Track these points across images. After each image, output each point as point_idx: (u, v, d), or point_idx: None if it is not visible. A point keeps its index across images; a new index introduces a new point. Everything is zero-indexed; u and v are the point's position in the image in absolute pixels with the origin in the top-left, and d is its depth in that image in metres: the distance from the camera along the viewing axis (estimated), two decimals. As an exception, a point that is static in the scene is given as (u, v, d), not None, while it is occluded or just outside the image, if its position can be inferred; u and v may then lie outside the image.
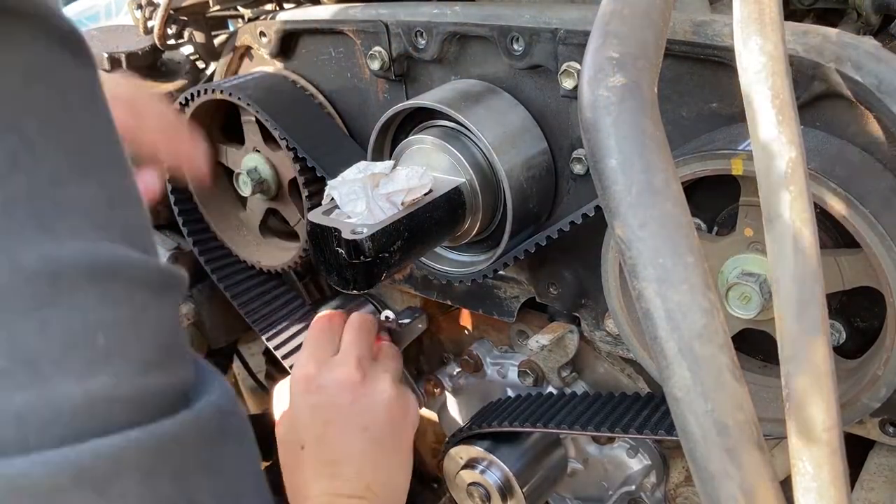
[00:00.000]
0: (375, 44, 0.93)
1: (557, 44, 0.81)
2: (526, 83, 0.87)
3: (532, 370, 1.02)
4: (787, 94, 0.51)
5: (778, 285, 0.48)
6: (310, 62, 1.03)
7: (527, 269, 0.96)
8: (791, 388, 0.46)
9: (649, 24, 0.55)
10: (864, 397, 0.69)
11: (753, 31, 0.53)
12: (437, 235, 0.86)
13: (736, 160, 0.66)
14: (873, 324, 0.76)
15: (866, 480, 0.81)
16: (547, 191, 0.89)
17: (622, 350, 0.94)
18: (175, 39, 1.10)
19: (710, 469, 0.45)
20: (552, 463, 1.04)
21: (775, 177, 0.49)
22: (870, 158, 0.68)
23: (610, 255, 0.78)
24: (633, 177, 0.48)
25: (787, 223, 0.48)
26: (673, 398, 0.46)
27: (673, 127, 0.78)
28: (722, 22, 0.73)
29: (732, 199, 0.76)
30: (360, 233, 0.76)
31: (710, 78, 0.75)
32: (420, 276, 1.05)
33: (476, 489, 1.01)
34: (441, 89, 0.90)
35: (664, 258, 0.47)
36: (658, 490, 1.02)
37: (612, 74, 0.51)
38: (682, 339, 0.46)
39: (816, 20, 0.99)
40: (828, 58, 0.67)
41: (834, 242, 0.73)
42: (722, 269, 0.75)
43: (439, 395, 1.14)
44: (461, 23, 0.87)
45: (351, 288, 0.79)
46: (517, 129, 0.86)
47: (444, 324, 1.15)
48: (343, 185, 0.81)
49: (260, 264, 1.13)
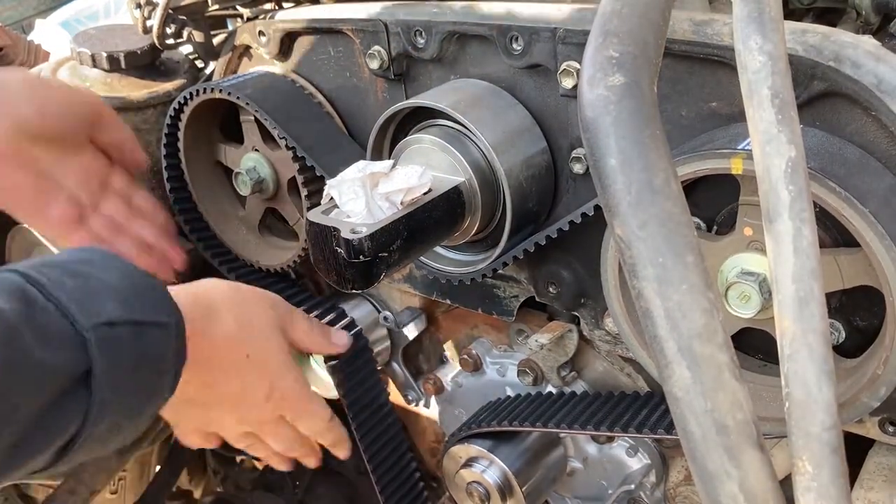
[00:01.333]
0: (374, 43, 0.93)
1: (557, 43, 0.81)
2: (525, 82, 0.87)
3: (531, 369, 1.02)
4: (786, 93, 0.51)
5: (777, 284, 0.48)
6: (309, 61, 1.03)
7: (526, 269, 0.96)
8: (791, 387, 0.46)
9: (649, 23, 0.55)
10: (864, 396, 0.69)
11: (753, 30, 0.53)
12: (436, 235, 0.86)
13: (736, 159, 0.66)
14: (873, 323, 0.76)
15: (866, 480, 0.81)
16: (546, 190, 0.89)
17: (621, 349, 0.94)
18: (174, 39, 1.10)
19: (710, 468, 0.45)
20: (551, 462, 1.04)
21: (775, 176, 0.49)
22: (869, 158, 0.68)
23: (609, 255, 0.78)
24: (632, 176, 0.48)
25: (787, 222, 0.48)
26: (673, 397, 0.46)
27: (673, 126, 0.78)
28: (722, 21, 0.73)
29: (732, 199, 0.76)
30: (360, 232, 0.76)
31: (709, 77, 0.75)
32: (419, 275, 1.05)
33: (475, 488, 1.01)
34: (440, 89, 0.90)
35: (664, 257, 0.47)
36: (657, 489, 1.03)
37: (612, 74, 0.51)
38: (682, 339, 0.46)
39: (816, 19, 0.99)
40: (827, 57, 0.67)
41: (833, 241, 0.73)
42: (721, 269, 0.75)
43: (439, 394, 1.14)
44: (460, 22, 0.87)
45: (350, 287, 0.79)
46: (516, 128, 0.86)
47: (443, 323, 1.15)
48: (342, 185, 0.81)
49: (259, 263, 1.13)
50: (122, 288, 0.68)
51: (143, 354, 0.68)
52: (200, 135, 1.11)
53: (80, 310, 0.64)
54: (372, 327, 1.15)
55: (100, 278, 0.68)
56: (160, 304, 0.71)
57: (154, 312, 0.70)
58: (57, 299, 0.64)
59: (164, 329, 0.70)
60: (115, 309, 0.66)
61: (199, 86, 1.04)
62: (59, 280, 0.65)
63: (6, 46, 1.41)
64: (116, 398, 0.65)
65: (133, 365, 0.67)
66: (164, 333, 0.70)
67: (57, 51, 1.43)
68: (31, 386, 0.60)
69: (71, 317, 0.63)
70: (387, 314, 1.14)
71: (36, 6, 3.51)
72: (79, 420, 0.64)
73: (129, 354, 0.66)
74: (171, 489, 1.57)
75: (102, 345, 0.64)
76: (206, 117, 1.09)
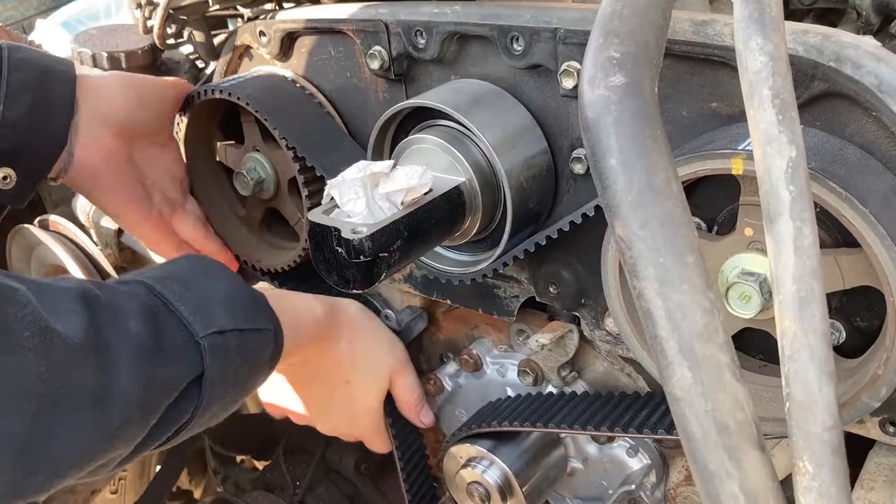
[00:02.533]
0: (375, 43, 0.93)
1: (557, 43, 0.81)
2: (526, 83, 0.87)
3: (532, 369, 1.02)
4: (787, 93, 0.51)
5: (778, 284, 0.48)
6: (309, 61, 1.03)
7: (526, 269, 0.96)
8: (791, 387, 0.46)
9: (650, 23, 0.55)
10: (864, 396, 0.69)
11: (754, 30, 0.53)
12: (436, 235, 0.86)
13: (736, 159, 0.66)
14: (873, 323, 0.76)
15: (866, 480, 0.81)
16: (547, 190, 0.89)
17: (622, 349, 0.94)
18: (175, 39, 1.10)
19: (711, 468, 0.45)
20: (552, 462, 1.04)
21: (775, 176, 0.49)
22: (870, 158, 0.68)
23: (610, 255, 0.78)
24: (633, 176, 0.48)
25: (788, 223, 0.48)
26: (673, 398, 0.46)
27: (673, 126, 0.78)
28: (722, 21, 0.73)
29: (732, 199, 0.76)
30: (360, 232, 0.76)
31: (710, 77, 0.75)
32: (420, 275, 1.05)
33: (476, 488, 1.01)
34: (441, 89, 0.90)
35: (664, 258, 0.47)
36: (658, 489, 1.02)
37: (613, 74, 0.52)
38: (683, 339, 0.46)
39: (816, 20, 0.99)
40: (828, 57, 0.67)
41: (834, 242, 0.73)
42: (722, 269, 0.75)
43: (439, 394, 1.14)
44: (461, 22, 0.87)
45: (351, 287, 0.79)
46: (517, 128, 0.86)
47: (443, 323, 1.15)
48: (343, 185, 0.81)
49: (259, 264, 1.13)
50: (228, 298, 0.79)
51: (246, 357, 0.79)
52: (201, 135, 1.11)
53: (195, 319, 0.75)
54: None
55: (211, 288, 0.80)
56: (260, 313, 0.82)
57: (255, 320, 0.81)
58: (178, 312, 0.75)
59: (264, 334, 0.82)
60: (224, 317, 0.77)
61: (199, 86, 1.04)
62: (179, 293, 0.76)
63: (7, 46, 1.41)
64: (220, 395, 0.77)
65: (237, 367, 0.78)
66: (262, 338, 0.82)
67: (58, 51, 1.43)
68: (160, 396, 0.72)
69: (189, 325, 0.75)
70: (388, 313, 1.14)
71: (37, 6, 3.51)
72: (188, 415, 0.76)
73: (235, 358, 0.78)
74: (171, 489, 1.57)
75: (213, 351, 0.75)
76: (207, 117, 1.09)
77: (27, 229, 1.23)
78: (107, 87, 0.97)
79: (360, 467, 1.44)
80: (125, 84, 1.00)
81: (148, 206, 1.02)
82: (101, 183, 0.98)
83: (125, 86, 0.99)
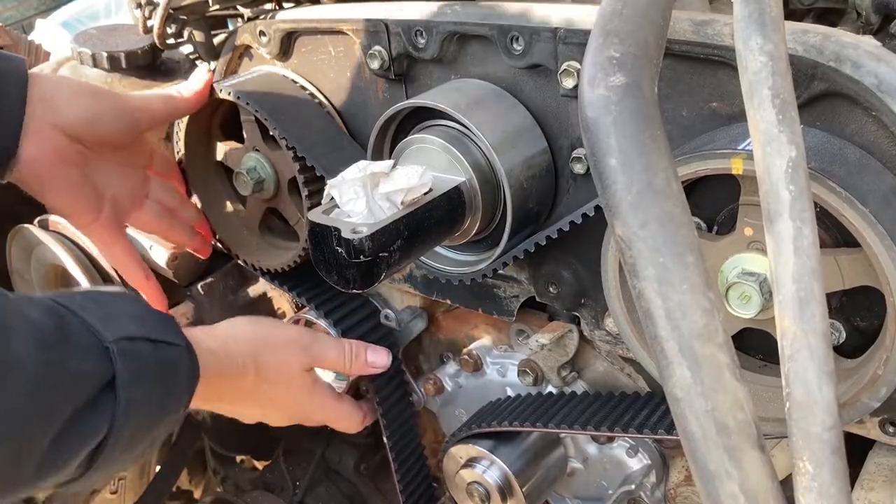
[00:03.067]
0: (375, 43, 0.93)
1: (557, 43, 0.81)
2: (526, 83, 0.87)
3: (532, 369, 1.02)
4: (787, 93, 0.51)
5: (778, 284, 0.48)
6: (309, 61, 1.03)
7: (526, 269, 0.96)
8: (791, 387, 0.46)
9: (650, 23, 0.55)
10: (864, 397, 0.69)
11: (754, 30, 0.53)
12: (436, 235, 0.86)
13: (736, 159, 0.66)
14: (873, 323, 0.76)
15: (866, 480, 0.81)
16: (547, 190, 0.89)
17: (622, 349, 0.94)
18: (174, 39, 1.10)
19: (711, 468, 0.45)
20: (552, 462, 1.04)
21: (775, 176, 0.49)
22: (870, 158, 0.68)
23: (610, 255, 0.78)
24: (633, 176, 0.48)
25: (788, 223, 0.48)
26: (673, 398, 0.46)
27: (673, 126, 0.78)
28: (722, 21, 0.73)
29: (732, 199, 0.76)
30: (360, 232, 0.76)
31: (710, 77, 0.75)
32: (420, 275, 1.05)
33: (476, 488, 1.01)
34: (441, 89, 0.90)
35: (664, 257, 0.47)
36: (658, 489, 1.03)
37: (613, 74, 0.52)
38: (683, 339, 0.46)
39: (816, 20, 1.00)
40: (828, 57, 0.67)
41: (834, 242, 0.73)
42: (722, 269, 0.75)
43: (439, 394, 1.14)
44: (461, 22, 0.87)
45: (351, 287, 0.79)
46: (517, 128, 0.86)
47: (443, 323, 1.15)
48: (343, 185, 0.81)
49: (259, 264, 1.13)
50: (137, 314, 0.77)
51: (160, 366, 0.75)
52: (201, 134, 1.11)
53: (102, 327, 0.71)
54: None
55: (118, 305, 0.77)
56: (171, 329, 0.79)
57: (166, 334, 0.77)
58: (82, 318, 0.71)
59: (176, 348, 0.78)
60: (133, 327, 0.74)
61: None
62: (82, 304, 0.73)
63: (7, 46, 1.41)
64: (138, 404, 0.72)
65: (151, 375, 0.74)
66: (176, 350, 0.78)
67: (57, 51, 1.43)
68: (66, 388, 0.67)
69: (95, 331, 0.71)
70: (388, 312, 1.14)
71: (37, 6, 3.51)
72: (107, 424, 0.70)
73: (148, 365, 0.74)
74: (171, 489, 1.57)
75: (123, 355, 0.71)
76: (207, 117, 1.09)
77: (27, 229, 1.23)
78: (58, 89, 0.96)
79: (360, 467, 1.44)
80: (76, 92, 0.98)
81: (98, 206, 1.00)
82: (50, 182, 0.96)
83: (76, 94, 0.97)
